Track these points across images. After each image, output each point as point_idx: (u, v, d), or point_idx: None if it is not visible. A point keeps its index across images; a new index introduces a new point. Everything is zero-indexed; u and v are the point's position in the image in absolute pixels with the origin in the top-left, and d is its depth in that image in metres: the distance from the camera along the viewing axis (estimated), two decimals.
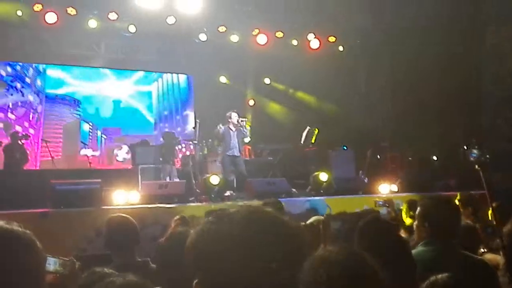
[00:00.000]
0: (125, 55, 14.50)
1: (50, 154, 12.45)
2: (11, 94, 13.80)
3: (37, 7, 11.62)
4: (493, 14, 12.43)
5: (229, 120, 11.18)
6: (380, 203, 7.01)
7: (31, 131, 13.54)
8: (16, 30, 12.06)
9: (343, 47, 14.68)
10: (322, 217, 3.25)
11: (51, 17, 11.72)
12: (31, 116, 14.08)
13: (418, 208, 3.44)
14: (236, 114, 11.25)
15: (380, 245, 2.57)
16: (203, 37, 13.50)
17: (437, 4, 11.83)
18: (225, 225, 1.26)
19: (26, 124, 13.89)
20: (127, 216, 4.04)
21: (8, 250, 1.42)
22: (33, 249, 1.47)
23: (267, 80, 16.21)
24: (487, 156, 11.38)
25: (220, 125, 11.02)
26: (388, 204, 6.85)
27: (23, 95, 13.99)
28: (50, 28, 11.95)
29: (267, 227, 1.27)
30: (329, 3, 12.32)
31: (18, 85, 13.93)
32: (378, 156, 13.60)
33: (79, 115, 14.86)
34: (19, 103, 13.94)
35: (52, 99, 14.49)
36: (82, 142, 14.27)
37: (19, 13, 11.64)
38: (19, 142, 11.76)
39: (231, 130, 11.16)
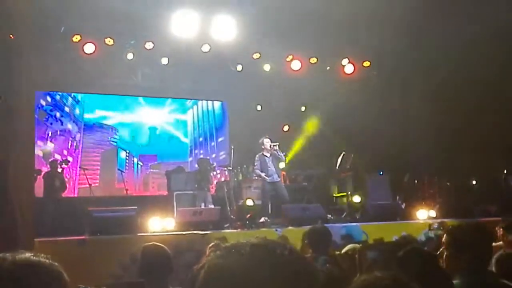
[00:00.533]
0: (161, 83, 14.71)
1: (88, 182, 12.65)
2: (51, 123, 14.11)
3: (76, 38, 11.95)
4: None
5: (262, 147, 11.17)
6: (436, 226, 6.87)
7: (70, 159, 13.78)
8: (55, 60, 12.36)
9: (377, 71, 14.59)
10: (357, 246, 3.18)
11: (89, 48, 12.03)
12: (69, 144, 14.35)
13: (445, 236, 3.18)
14: (268, 140, 11.24)
15: (422, 277, 2.47)
16: (238, 65, 13.66)
17: (475, 27, 11.64)
18: (232, 258, 1.23)
19: (65, 152, 14.16)
20: (161, 245, 4.05)
21: (34, 283, 1.41)
22: (60, 281, 1.46)
23: (301, 106, 16.17)
24: None
25: (256, 168, 11.09)
26: (443, 227, 6.67)
27: (62, 123, 14.30)
28: (88, 58, 12.25)
29: (275, 258, 1.23)
30: (363, 28, 12.27)
31: (58, 114, 14.25)
32: (416, 181, 13.36)
33: (116, 142, 15.09)
34: (58, 132, 14.24)
35: (90, 127, 14.76)
36: (119, 169, 14.45)
37: (59, 44, 11.98)
38: (58, 169, 12.02)
39: (266, 156, 11.14)
